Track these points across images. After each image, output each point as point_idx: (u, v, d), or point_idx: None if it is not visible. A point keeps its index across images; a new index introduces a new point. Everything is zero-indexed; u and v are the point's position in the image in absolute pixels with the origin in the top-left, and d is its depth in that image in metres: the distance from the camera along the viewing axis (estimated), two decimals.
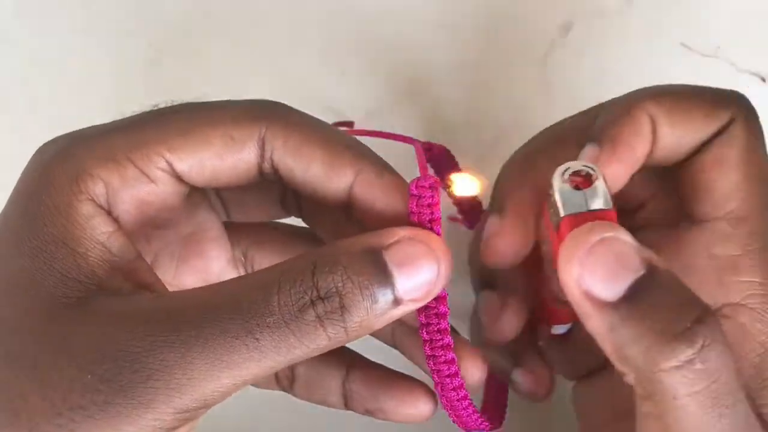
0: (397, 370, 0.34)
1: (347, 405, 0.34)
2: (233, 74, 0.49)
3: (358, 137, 0.30)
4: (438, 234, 0.27)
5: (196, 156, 0.28)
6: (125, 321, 0.24)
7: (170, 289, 0.30)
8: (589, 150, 0.28)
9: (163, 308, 0.25)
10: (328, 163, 0.28)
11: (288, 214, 0.35)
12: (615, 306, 0.24)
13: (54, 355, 0.24)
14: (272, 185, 0.32)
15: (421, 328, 0.28)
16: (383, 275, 0.25)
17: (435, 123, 0.48)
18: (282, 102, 0.30)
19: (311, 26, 0.49)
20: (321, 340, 0.25)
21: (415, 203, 0.27)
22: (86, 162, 0.27)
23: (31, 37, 0.50)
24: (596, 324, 0.25)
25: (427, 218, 0.27)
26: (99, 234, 0.26)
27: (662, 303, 0.24)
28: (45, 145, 0.28)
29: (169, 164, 0.27)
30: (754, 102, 0.31)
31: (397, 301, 0.25)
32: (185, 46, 0.49)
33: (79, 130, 0.28)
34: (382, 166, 0.29)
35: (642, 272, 0.24)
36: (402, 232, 0.26)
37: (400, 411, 0.32)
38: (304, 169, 0.28)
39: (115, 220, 0.27)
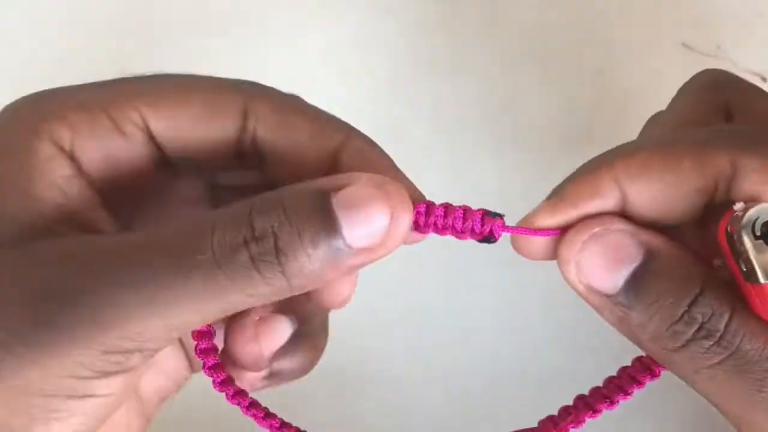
0: None
1: None
2: (233, 74, 0.48)
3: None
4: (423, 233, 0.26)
5: (172, 115, 0.26)
6: (58, 261, 0.24)
7: None
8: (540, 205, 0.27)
9: (98, 249, 0.24)
10: (318, 130, 0.27)
11: None
12: (617, 298, 0.25)
13: None
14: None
15: None
16: (326, 219, 0.23)
17: (435, 123, 0.48)
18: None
19: (311, 26, 0.49)
20: (258, 285, 0.23)
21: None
22: (56, 106, 0.26)
23: (31, 37, 0.50)
24: (608, 316, 0.25)
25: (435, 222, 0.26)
26: (56, 177, 0.25)
27: (660, 289, 0.24)
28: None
29: (144, 120, 0.26)
30: None
31: (347, 249, 0.24)
32: (185, 46, 0.49)
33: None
34: (369, 138, 0.28)
35: (638, 261, 0.24)
36: (363, 175, 0.24)
37: None
38: (290, 136, 0.27)
39: (78, 166, 0.26)
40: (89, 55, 0.49)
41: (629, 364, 0.28)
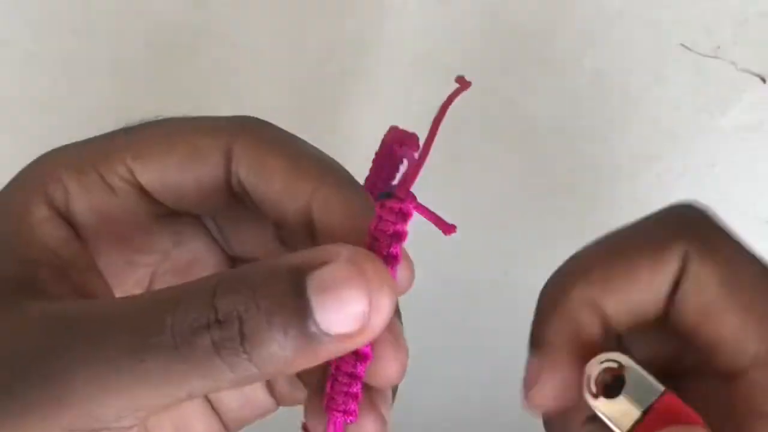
0: None
1: None
2: (233, 75, 0.49)
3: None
4: (391, 271, 0.23)
5: (157, 164, 0.26)
6: (30, 326, 0.23)
7: None
8: (530, 365, 0.26)
9: (67, 317, 0.23)
10: (292, 176, 0.25)
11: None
12: None
13: None
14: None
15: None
16: (299, 302, 0.21)
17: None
18: (259, 118, 0.28)
19: (311, 26, 0.50)
20: (222, 372, 0.21)
21: (374, 225, 0.23)
22: (53, 167, 0.27)
23: (31, 37, 0.50)
24: None
25: (384, 251, 0.23)
26: (50, 238, 0.26)
27: None
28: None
29: (131, 173, 0.26)
30: (754, 102, 0.30)
31: (321, 335, 0.21)
32: (185, 46, 0.49)
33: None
34: (346, 181, 0.25)
35: None
36: (342, 252, 0.22)
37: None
38: (266, 183, 0.26)
39: (74, 228, 0.27)
40: (89, 55, 0.49)
41: None
